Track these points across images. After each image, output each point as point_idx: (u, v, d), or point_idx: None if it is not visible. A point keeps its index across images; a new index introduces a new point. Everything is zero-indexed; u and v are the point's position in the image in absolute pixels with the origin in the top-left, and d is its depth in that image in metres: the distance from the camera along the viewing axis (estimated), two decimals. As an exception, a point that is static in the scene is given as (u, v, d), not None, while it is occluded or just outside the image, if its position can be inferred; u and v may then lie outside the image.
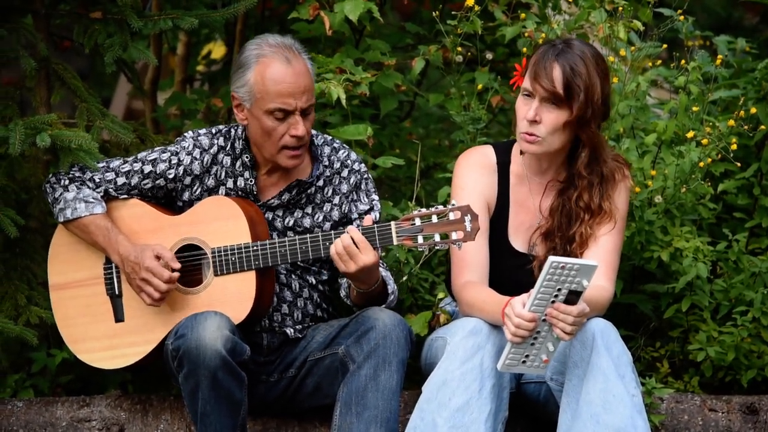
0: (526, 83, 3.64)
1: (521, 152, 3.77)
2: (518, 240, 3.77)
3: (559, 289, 3.35)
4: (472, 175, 3.75)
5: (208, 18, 4.12)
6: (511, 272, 3.74)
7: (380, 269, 3.72)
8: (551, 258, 3.29)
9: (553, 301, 3.37)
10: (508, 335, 3.41)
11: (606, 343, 3.48)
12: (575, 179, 3.70)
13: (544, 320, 3.41)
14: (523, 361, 3.45)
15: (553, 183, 3.75)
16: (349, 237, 3.53)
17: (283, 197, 3.76)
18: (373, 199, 3.82)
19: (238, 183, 3.77)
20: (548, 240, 3.72)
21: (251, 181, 3.76)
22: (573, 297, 3.37)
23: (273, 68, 3.63)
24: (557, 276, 3.32)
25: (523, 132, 3.65)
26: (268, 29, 5.35)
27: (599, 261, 3.59)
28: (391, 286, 3.73)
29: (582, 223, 3.68)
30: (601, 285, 3.59)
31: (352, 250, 3.53)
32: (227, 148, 3.78)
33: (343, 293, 3.77)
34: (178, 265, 3.65)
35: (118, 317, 3.76)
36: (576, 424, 3.46)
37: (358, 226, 3.61)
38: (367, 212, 3.81)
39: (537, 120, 3.62)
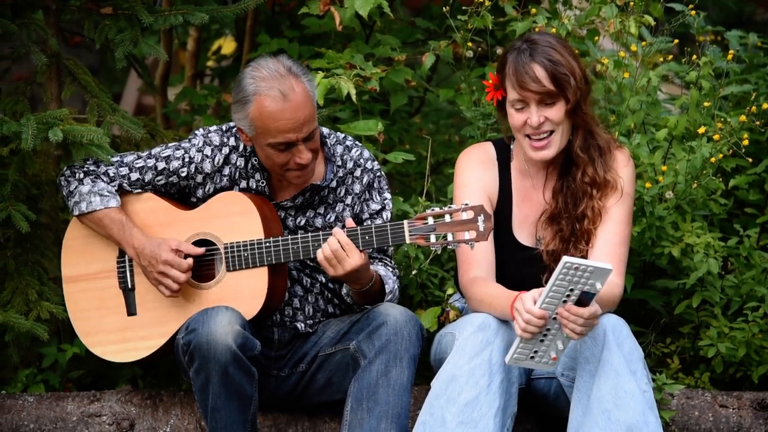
0: (513, 94, 3.64)
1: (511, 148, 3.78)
2: (523, 234, 3.76)
3: (572, 290, 3.34)
4: (474, 173, 3.75)
5: (218, 13, 4.12)
6: (517, 266, 3.73)
7: (380, 268, 3.72)
8: (565, 258, 3.28)
9: (564, 301, 3.36)
10: (518, 330, 3.41)
11: (617, 339, 3.47)
12: (575, 159, 3.70)
13: (554, 318, 3.40)
14: (532, 357, 3.45)
15: (553, 167, 3.75)
16: (336, 240, 3.53)
17: (296, 200, 3.76)
18: (386, 198, 3.82)
19: (250, 184, 3.77)
20: (554, 223, 3.72)
21: (263, 183, 3.76)
22: (585, 298, 3.36)
23: (270, 106, 3.58)
24: (570, 276, 3.31)
25: (530, 141, 3.65)
26: (278, 25, 5.35)
27: (608, 254, 3.59)
28: (390, 286, 3.72)
29: (591, 199, 3.68)
30: (611, 281, 3.58)
31: (340, 254, 3.53)
32: (240, 149, 3.78)
33: (344, 290, 3.77)
34: (200, 250, 3.66)
35: (131, 311, 3.77)
36: (587, 420, 3.45)
37: (342, 226, 3.61)
38: (379, 212, 3.80)
39: (542, 122, 3.62)
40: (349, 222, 3.60)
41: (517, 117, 3.64)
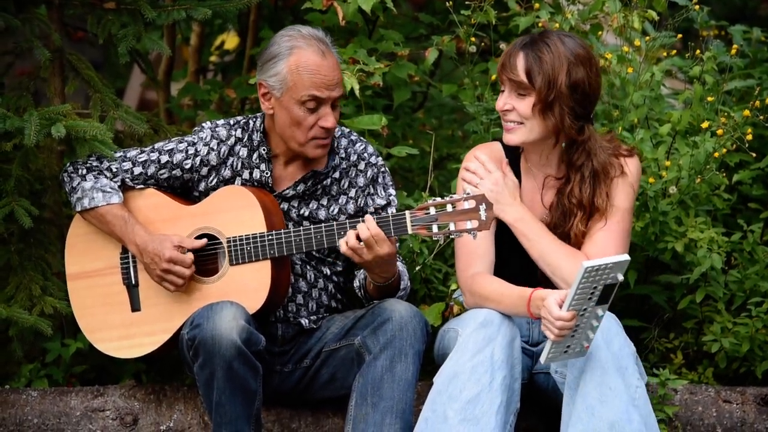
0: (498, 76, 3.66)
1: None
2: None
3: (595, 287, 3.34)
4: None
5: (221, 8, 4.12)
6: (520, 265, 3.73)
7: (398, 264, 3.72)
8: (584, 264, 3.28)
9: (590, 298, 3.36)
10: (551, 336, 3.41)
11: (606, 336, 3.47)
12: (569, 174, 3.70)
13: (581, 315, 3.39)
14: (565, 351, 3.46)
15: (550, 179, 3.74)
16: (366, 229, 3.53)
17: (298, 188, 3.77)
18: (390, 194, 3.82)
19: (254, 174, 3.77)
20: None
21: (267, 173, 3.77)
22: (608, 291, 3.37)
23: (308, 59, 3.63)
24: (592, 277, 3.31)
25: (503, 123, 3.67)
26: (281, 20, 5.35)
27: (600, 251, 3.59)
28: (404, 282, 3.73)
29: (575, 219, 3.68)
30: None
31: (370, 242, 3.53)
32: (244, 140, 3.79)
33: (356, 283, 3.76)
34: (201, 243, 3.67)
35: (135, 307, 3.77)
36: (572, 416, 3.46)
37: (347, 216, 3.61)
38: (384, 207, 3.80)
39: (508, 108, 3.63)
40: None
41: (498, 98, 3.68)
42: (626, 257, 3.33)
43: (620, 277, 3.35)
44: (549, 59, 3.58)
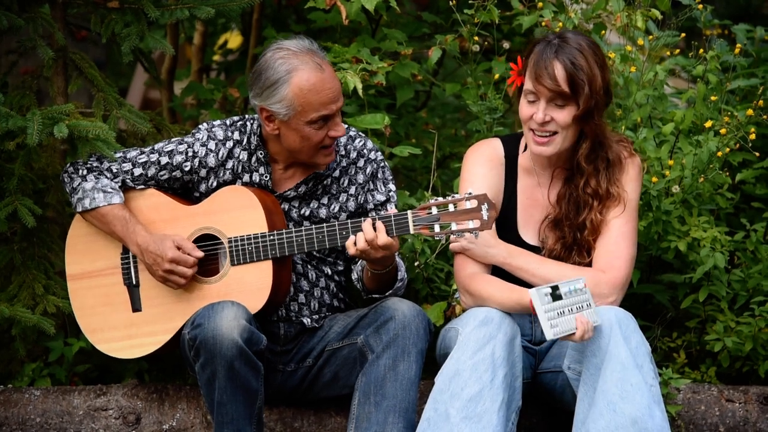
0: (528, 85, 3.63)
1: (524, 148, 3.77)
2: (528, 233, 3.76)
3: (561, 303, 3.40)
4: (480, 169, 3.75)
5: (224, 7, 4.12)
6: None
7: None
8: (529, 292, 3.37)
9: (562, 312, 3.41)
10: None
11: (624, 333, 3.47)
12: (579, 168, 3.70)
13: (572, 310, 3.43)
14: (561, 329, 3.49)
15: (560, 171, 3.74)
16: (375, 237, 3.52)
17: (299, 189, 3.77)
18: (390, 189, 3.82)
19: (254, 178, 3.77)
20: (557, 228, 3.72)
21: (266, 176, 3.76)
22: (588, 309, 3.43)
23: (311, 79, 3.60)
24: (548, 299, 3.38)
25: (533, 135, 3.65)
26: (284, 19, 5.35)
27: (612, 246, 3.60)
28: (401, 272, 3.73)
29: (591, 210, 3.68)
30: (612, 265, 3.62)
31: (375, 245, 3.53)
32: (243, 143, 3.78)
33: (354, 276, 3.77)
34: (200, 254, 3.67)
35: (136, 307, 3.77)
36: (592, 411, 3.46)
37: (373, 217, 3.60)
38: (384, 203, 3.80)
39: (547, 120, 3.61)
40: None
41: (526, 109, 3.64)
42: (582, 278, 3.41)
43: (580, 285, 3.40)
44: (586, 67, 3.56)
